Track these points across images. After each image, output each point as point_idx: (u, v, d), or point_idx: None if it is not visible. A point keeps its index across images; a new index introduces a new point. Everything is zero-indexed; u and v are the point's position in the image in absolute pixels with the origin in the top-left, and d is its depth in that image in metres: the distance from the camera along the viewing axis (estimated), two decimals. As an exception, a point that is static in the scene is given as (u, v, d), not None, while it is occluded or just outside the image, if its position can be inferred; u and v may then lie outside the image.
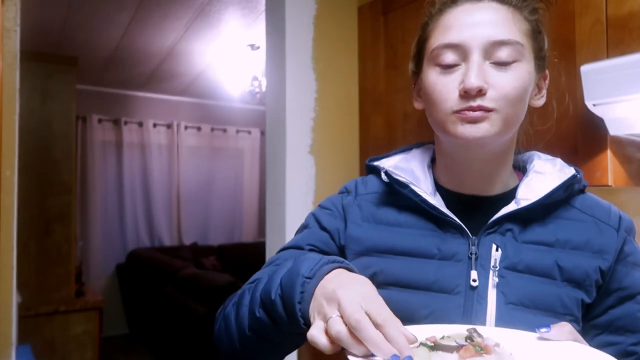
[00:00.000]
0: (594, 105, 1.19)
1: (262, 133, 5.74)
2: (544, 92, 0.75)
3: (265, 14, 2.19)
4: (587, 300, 0.68)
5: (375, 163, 0.80)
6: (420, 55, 0.75)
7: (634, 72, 1.09)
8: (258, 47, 3.72)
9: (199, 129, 5.51)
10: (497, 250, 0.69)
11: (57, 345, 3.17)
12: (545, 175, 0.72)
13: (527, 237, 0.69)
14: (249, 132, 5.81)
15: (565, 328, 0.56)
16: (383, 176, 0.75)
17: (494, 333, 0.56)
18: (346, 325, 0.48)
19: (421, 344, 0.48)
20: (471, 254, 0.69)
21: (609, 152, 1.26)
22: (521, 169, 0.80)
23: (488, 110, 0.64)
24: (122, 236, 5.04)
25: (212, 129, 5.59)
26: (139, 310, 4.57)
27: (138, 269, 4.56)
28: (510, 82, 0.65)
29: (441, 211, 0.71)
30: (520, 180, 0.75)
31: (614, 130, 1.24)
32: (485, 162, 0.72)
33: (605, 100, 1.17)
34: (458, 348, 0.47)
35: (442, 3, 0.71)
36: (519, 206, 0.69)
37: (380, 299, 0.51)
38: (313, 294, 0.55)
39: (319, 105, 2.04)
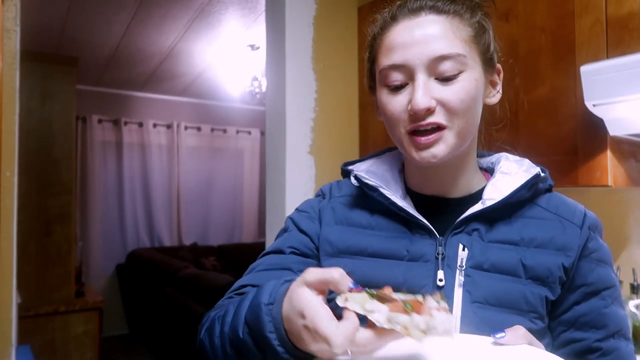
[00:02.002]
0: (593, 105, 1.19)
1: (262, 133, 5.74)
2: (499, 87, 0.76)
3: (265, 15, 2.19)
4: (551, 297, 0.68)
5: (349, 167, 0.81)
6: (372, 72, 0.76)
7: (634, 72, 1.09)
8: (258, 48, 3.72)
9: (199, 129, 5.51)
10: (463, 249, 0.70)
11: (57, 346, 3.17)
12: (510, 175, 0.73)
13: (493, 237, 0.70)
14: (249, 133, 5.81)
15: (519, 332, 0.57)
16: (352, 180, 0.77)
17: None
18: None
19: (365, 291, 0.49)
20: (438, 254, 0.70)
21: (608, 152, 1.26)
22: (489, 171, 0.81)
23: (441, 127, 0.66)
24: (122, 236, 5.04)
25: (212, 130, 5.59)
26: (139, 311, 4.56)
27: (138, 269, 4.56)
28: (457, 96, 0.66)
29: (409, 213, 0.72)
30: (488, 181, 0.76)
31: (613, 130, 1.24)
32: (446, 169, 0.74)
33: (605, 101, 1.17)
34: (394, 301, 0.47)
35: (383, 21, 0.72)
36: (485, 206, 0.70)
37: (301, 298, 0.50)
38: (282, 316, 0.54)
39: (319, 105, 2.04)
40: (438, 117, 0.66)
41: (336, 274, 0.50)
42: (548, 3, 1.39)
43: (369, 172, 0.78)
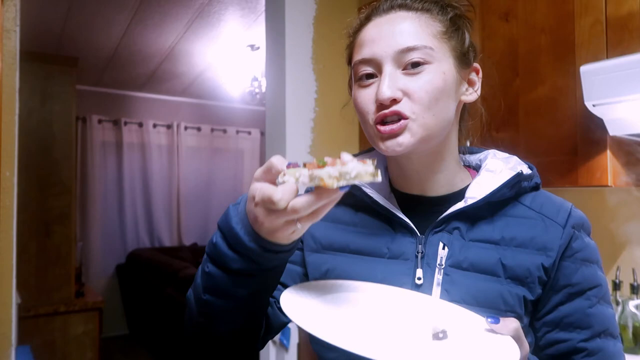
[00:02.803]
0: (593, 105, 1.19)
1: (262, 133, 5.74)
2: (478, 86, 0.75)
3: (265, 15, 2.19)
4: (530, 297, 0.68)
5: None
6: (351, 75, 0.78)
7: (634, 72, 1.09)
8: (258, 48, 3.72)
9: (199, 129, 5.51)
10: (443, 248, 0.70)
11: (56, 346, 3.17)
12: (495, 173, 0.73)
13: (474, 235, 0.70)
14: (249, 133, 5.81)
15: (511, 325, 0.57)
16: None
17: (448, 309, 0.62)
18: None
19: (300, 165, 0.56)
20: (418, 252, 0.71)
21: (608, 153, 1.26)
22: (477, 169, 0.81)
23: (404, 117, 0.66)
24: (122, 237, 5.05)
25: (212, 130, 5.59)
26: (138, 311, 4.56)
27: (138, 270, 4.56)
28: (422, 87, 0.66)
29: (391, 211, 0.73)
30: (473, 179, 0.76)
31: (613, 130, 1.24)
32: (422, 166, 0.74)
33: (604, 101, 1.17)
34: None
35: (358, 22, 0.75)
36: (466, 204, 0.70)
37: (251, 188, 0.56)
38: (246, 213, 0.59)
39: (319, 105, 2.04)
40: (402, 107, 0.66)
41: (274, 159, 0.55)
42: (548, 3, 1.39)
43: None
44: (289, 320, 0.71)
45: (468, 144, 0.85)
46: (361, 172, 0.51)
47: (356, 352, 0.48)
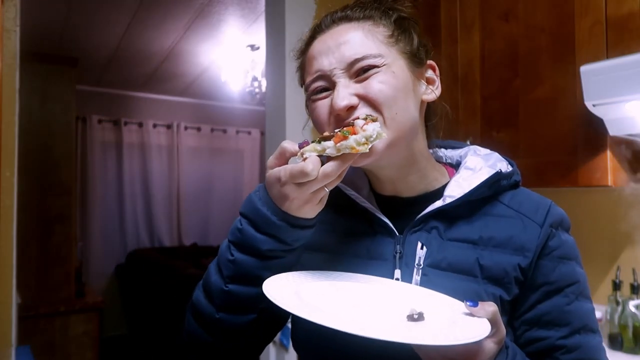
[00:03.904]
0: (593, 105, 1.19)
1: (262, 133, 5.74)
2: (437, 83, 0.75)
3: (265, 15, 2.19)
4: (506, 297, 0.68)
5: None
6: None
7: (634, 73, 1.09)
8: (258, 48, 3.72)
9: (199, 129, 5.51)
10: (422, 248, 0.70)
11: (56, 346, 3.17)
12: (474, 171, 0.73)
13: (452, 235, 0.70)
14: (249, 133, 5.81)
15: (489, 308, 0.56)
16: None
17: (424, 294, 0.64)
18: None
19: (311, 142, 0.61)
20: (396, 252, 0.71)
21: (608, 153, 1.26)
22: (457, 166, 0.80)
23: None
24: (122, 237, 5.05)
25: (212, 130, 5.59)
26: (138, 311, 4.56)
27: (138, 270, 4.56)
28: (376, 87, 0.66)
29: (370, 212, 0.73)
30: (452, 177, 0.76)
31: (613, 130, 1.24)
32: (394, 170, 0.73)
33: (604, 101, 1.17)
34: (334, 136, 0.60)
35: (304, 43, 0.76)
36: (444, 203, 0.70)
37: (271, 173, 0.62)
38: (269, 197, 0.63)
39: (318, 105, 2.04)
40: (360, 113, 0.66)
41: (285, 144, 0.61)
42: (548, 3, 1.39)
43: None
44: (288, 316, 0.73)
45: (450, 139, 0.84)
46: (379, 130, 0.60)
47: (327, 325, 0.49)
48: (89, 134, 4.90)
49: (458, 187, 0.71)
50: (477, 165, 0.74)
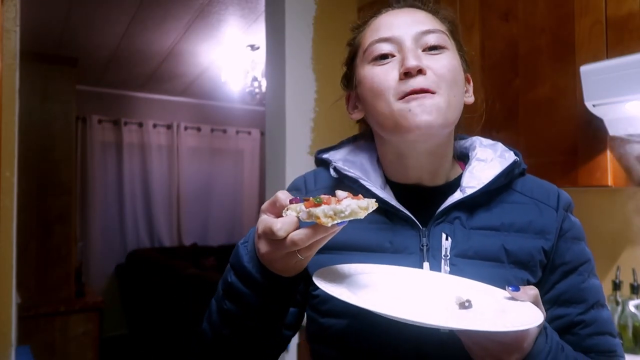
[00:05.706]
0: (593, 105, 1.19)
1: (262, 134, 5.74)
2: (471, 92, 0.79)
3: (265, 15, 2.19)
4: (533, 280, 0.70)
5: (325, 156, 0.81)
6: (351, 71, 0.79)
7: (634, 73, 1.09)
8: (258, 48, 3.72)
9: (198, 129, 5.51)
10: (447, 239, 0.71)
11: (56, 346, 3.17)
12: (487, 162, 0.75)
13: (474, 224, 0.72)
14: (249, 133, 5.81)
15: (530, 292, 0.59)
16: (332, 172, 0.77)
17: (460, 282, 0.64)
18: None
19: (305, 200, 0.58)
20: (422, 245, 0.71)
21: (608, 153, 1.26)
22: (462, 157, 0.82)
23: (431, 92, 0.67)
24: (122, 237, 5.04)
25: (212, 130, 5.59)
26: (138, 311, 4.56)
27: (138, 270, 4.56)
28: (444, 64, 0.69)
29: (391, 204, 0.72)
30: (464, 169, 0.77)
31: (613, 130, 1.24)
32: (429, 155, 0.74)
33: (604, 101, 1.17)
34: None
35: (370, 15, 0.77)
36: (465, 194, 0.71)
37: (258, 222, 0.59)
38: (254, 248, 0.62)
39: (318, 105, 2.04)
40: (429, 81, 0.67)
41: (279, 194, 0.58)
42: (548, 3, 1.39)
43: (346, 161, 0.78)
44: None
45: None
46: (355, 209, 0.53)
47: (401, 317, 0.49)
48: (89, 134, 4.90)
49: (473, 178, 0.73)
50: (487, 157, 0.76)
